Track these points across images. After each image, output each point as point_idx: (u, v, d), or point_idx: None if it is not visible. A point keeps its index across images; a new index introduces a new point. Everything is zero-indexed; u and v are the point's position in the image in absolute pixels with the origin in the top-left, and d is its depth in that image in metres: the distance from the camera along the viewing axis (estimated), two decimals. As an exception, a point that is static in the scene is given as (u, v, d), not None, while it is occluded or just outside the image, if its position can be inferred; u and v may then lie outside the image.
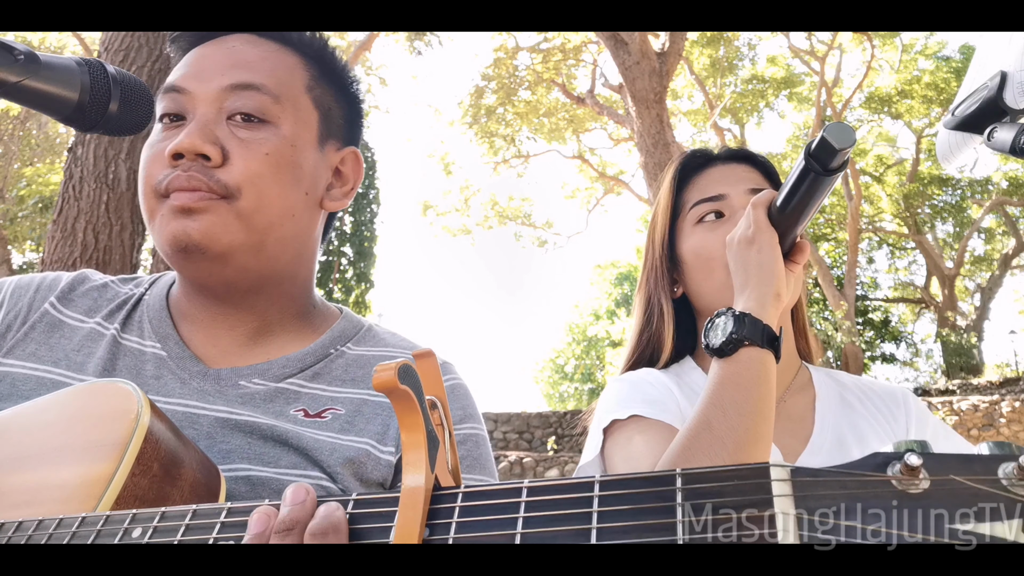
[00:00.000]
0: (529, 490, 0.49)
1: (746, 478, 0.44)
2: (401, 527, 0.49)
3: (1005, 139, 0.85)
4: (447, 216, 22.43)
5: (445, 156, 21.53)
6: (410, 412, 0.51)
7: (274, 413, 0.85)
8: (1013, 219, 24.05)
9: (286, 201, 0.88)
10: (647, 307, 1.25)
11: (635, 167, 21.07)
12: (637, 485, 0.46)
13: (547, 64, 18.19)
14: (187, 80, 0.89)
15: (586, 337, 31.17)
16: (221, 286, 0.89)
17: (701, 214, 1.20)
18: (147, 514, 0.59)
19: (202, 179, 0.83)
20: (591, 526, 0.45)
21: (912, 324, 27.02)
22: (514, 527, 0.47)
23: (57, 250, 4.69)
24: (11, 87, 0.69)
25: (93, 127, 0.76)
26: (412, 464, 0.51)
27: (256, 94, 0.87)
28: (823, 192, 0.95)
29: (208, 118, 0.86)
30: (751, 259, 1.00)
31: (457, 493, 0.51)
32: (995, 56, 0.90)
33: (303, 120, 0.91)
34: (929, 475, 0.41)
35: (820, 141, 0.89)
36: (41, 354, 0.88)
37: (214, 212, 0.83)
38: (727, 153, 1.28)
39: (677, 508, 0.44)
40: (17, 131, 17.14)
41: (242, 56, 0.90)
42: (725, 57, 20.11)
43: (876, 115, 22.61)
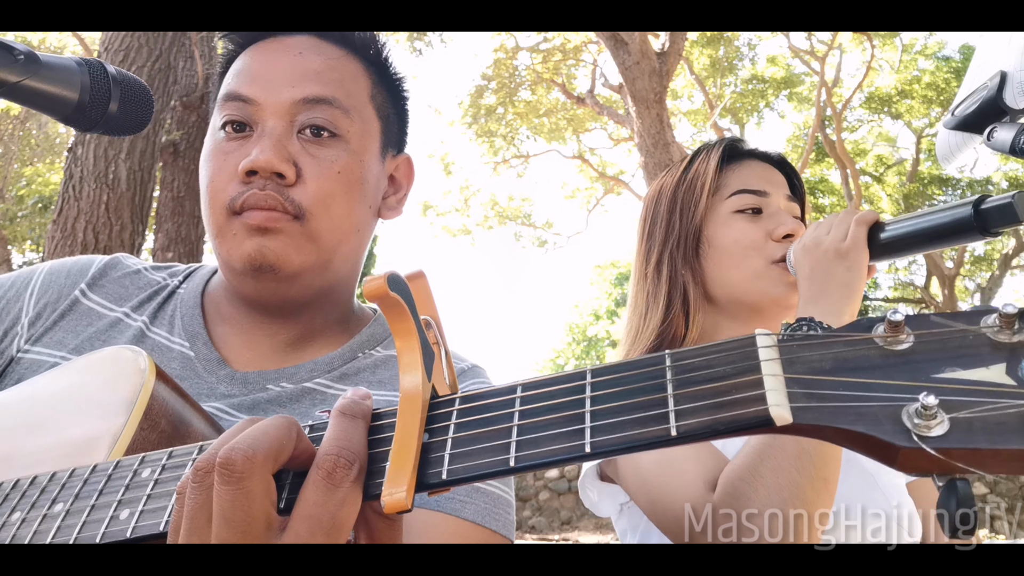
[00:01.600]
0: (524, 387, 0.50)
1: (733, 349, 0.45)
2: (400, 432, 0.49)
3: (1005, 139, 0.85)
4: (447, 216, 22.42)
5: (445, 156, 21.52)
6: (401, 319, 0.51)
7: (300, 414, 0.85)
8: (1013, 219, 23.99)
9: (354, 218, 0.88)
10: (670, 285, 1.20)
11: (635, 167, 21.08)
12: (628, 369, 0.47)
13: (547, 64, 18.19)
14: (254, 89, 0.85)
15: (586, 337, 31.16)
16: (280, 302, 0.89)
17: (742, 205, 1.18)
18: (156, 455, 0.60)
19: (278, 199, 0.82)
20: (584, 410, 0.46)
21: (912, 324, 26.94)
22: (511, 421, 0.48)
23: (57, 250, 4.68)
24: (11, 87, 0.69)
25: (93, 127, 0.76)
26: (408, 369, 0.51)
27: (328, 108, 0.85)
28: (944, 245, 0.94)
29: (279, 132, 0.84)
30: (838, 273, 0.98)
31: (454, 398, 0.51)
32: (995, 56, 0.90)
33: (369, 132, 0.90)
34: (912, 331, 0.41)
35: (1004, 206, 0.86)
36: (67, 342, 0.89)
37: (288, 233, 0.83)
38: (765, 154, 1.26)
39: (668, 384, 0.45)
40: (17, 131, 17.13)
41: (310, 65, 0.87)
42: (725, 57, 20.10)
43: (876, 115, 22.60)
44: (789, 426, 0.40)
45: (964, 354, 0.39)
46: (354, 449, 0.49)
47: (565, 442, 0.45)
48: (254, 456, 0.47)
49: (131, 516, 0.55)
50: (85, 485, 0.60)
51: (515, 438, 0.47)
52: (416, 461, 0.48)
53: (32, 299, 0.92)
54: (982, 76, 0.91)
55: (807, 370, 0.42)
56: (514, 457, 0.46)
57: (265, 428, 0.50)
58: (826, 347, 0.42)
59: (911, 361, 0.40)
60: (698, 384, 0.44)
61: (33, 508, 0.61)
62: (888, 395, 0.39)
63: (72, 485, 0.61)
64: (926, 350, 0.40)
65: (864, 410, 0.39)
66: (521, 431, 0.47)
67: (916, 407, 0.38)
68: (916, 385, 0.39)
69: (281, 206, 0.82)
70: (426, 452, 0.49)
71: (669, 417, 0.43)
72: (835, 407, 0.39)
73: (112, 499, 0.57)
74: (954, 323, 0.41)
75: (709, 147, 1.26)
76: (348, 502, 0.48)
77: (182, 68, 6.74)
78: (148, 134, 4.88)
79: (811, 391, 0.41)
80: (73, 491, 0.60)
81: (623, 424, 0.44)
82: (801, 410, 0.40)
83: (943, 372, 0.39)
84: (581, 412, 0.46)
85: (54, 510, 0.60)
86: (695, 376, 0.44)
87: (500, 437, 0.47)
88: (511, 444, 0.46)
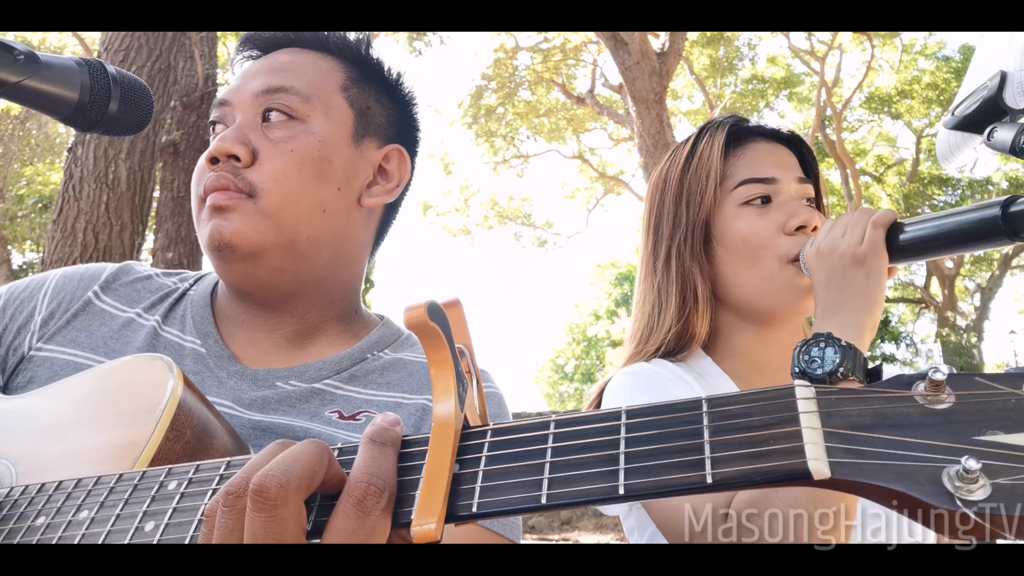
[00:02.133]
0: (557, 423, 0.49)
1: (772, 399, 0.44)
2: (432, 461, 0.49)
3: (1005, 139, 0.84)
4: (447, 216, 22.43)
5: (445, 156, 21.53)
6: (439, 349, 0.51)
7: (309, 414, 0.86)
8: (1013, 219, 23.99)
9: (313, 196, 0.89)
10: (681, 282, 1.12)
11: (635, 167, 21.07)
12: (664, 412, 0.47)
13: (547, 64, 18.19)
14: (229, 92, 0.93)
15: (586, 337, 31.16)
16: (258, 288, 0.90)
17: (749, 195, 1.09)
18: (183, 468, 0.60)
19: (231, 178, 0.86)
20: (619, 451, 0.46)
21: (912, 324, 27.05)
22: (543, 457, 0.47)
23: (57, 250, 4.68)
24: (11, 87, 0.69)
25: (93, 127, 0.76)
26: (442, 399, 0.51)
27: (285, 95, 0.90)
28: (972, 249, 0.89)
29: (243, 123, 0.89)
30: (856, 282, 0.92)
31: (486, 430, 0.51)
32: (995, 56, 0.90)
33: (335, 118, 0.92)
34: (953, 391, 0.41)
35: None
36: (80, 340, 0.90)
37: (241, 211, 0.85)
38: (772, 132, 1.17)
39: (704, 431, 0.44)
40: (17, 131, 17.13)
41: (277, 63, 0.93)
42: (725, 57, 20.10)
43: (876, 115, 22.60)
44: (827, 480, 0.40)
45: (1006, 417, 0.39)
46: (384, 477, 0.49)
47: (598, 483, 0.45)
48: (288, 484, 0.47)
49: (156, 528, 0.55)
50: (111, 494, 0.60)
51: (547, 475, 0.46)
52: (447, 492, 0.47)
53: (45, 300, 0.94)
54: (982, 76, 0.91)
55: (846, 425, 0.41)
56: (546, 495, 0.45)
57: (298, 455, 0.50)
58: (866, 402, 0.42)
59: (952, 421, 0.40)
60: (735, 432, 0.43)
61: (58, 514, 0.61)
62: (928, 455, 0.39)
63: (98, 493, 0.61)
64: (967, 411, 0.40)
65: (904, 469, 0.38)
66: (554, 468, 0.47)
67: (958, 470, 0.37)
68: (957, 447, 0.38)
69: (234, 185, 0.86)
70: (457, 483, 0.48)
71: (705, 464, 0.43)
72: (874, 464, 0.39)
73: (137, 510, 0.57)
74: (996, 385, 0.40)
75: (713, 128, 1.17)
76: (378, 530, 0.48)
77: (182, 68, 6.74)
78: (148, 134, 4.88)
79: (850, 447, 0.40)
80: (99, 499, 0.60)
81: (658, 468, 0.44)
82: (839, 465, 0.40)
83: (984, 435, 0.39)
84: (616, 453, 0.46)
85: (79, 517, 0.59)
86: (732, 424, 0.44)
87: (533, 473, 0.47)
88: (543, 481, 0.46)
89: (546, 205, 69.12)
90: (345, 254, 0.94)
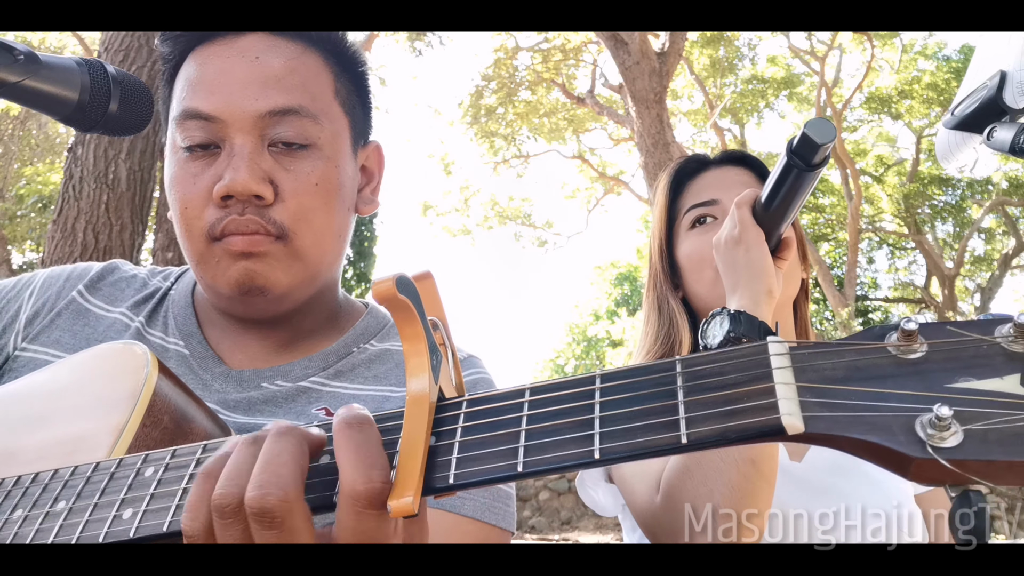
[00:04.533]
0: (532, 390, 0.49)
1: (745, 356, 0.44)
2: (407, 435, 0.49)
3: (1005, 139, 0.84)
4: (447, 216, 22.42)
5: (445, 156, 21.52)
6: (410, 322, 0.50)
7: (295, 413, 0.85)
8: (1013, 219, 24.04)
9: (335, 227, 0.87)
10: (660, 307, 1.26)
11: (635, 167, 21.07)
12: (638, 375, 0.47)
13: (547, 64, 18.18)
14: (215, 103, 0.81)
15: (586, 337, 31.14)
16: (270, 318, 0.89)
17: (694, 218, 1.22)
18: (159, 454, 0.59)
19: (260, 222, 0.80)
20: (594, 416, 0.46)
21: (912, 324, 26.93)
22: (519, 425, 0.47)
23: (57, 250, 4.68)
24: (11, 87, 0.69)
25: (93, 127, 0.76)
26: (415, 372, 0.50)
27: (296, 119, 0.82)
28: (807, 188, 0.96)
29: (250, 149, 0.80)
30: (739, 259, 1.01)
31: (461, 401, 0.51)
32: (995, 56, 0.90)
33: (339, 133, 0.88)
34: (926, 340, 0.41)
35: (801, 137, 0.90)
36: (64, 341, 0.89)
37: (273, 255, 0.81)
38: (721, 156, 1.30)
39: (678, 391, 0.44)
40: (17, 131, 17.13)
41: (269, 70, 0.83)
42: (725, 57, 20.09)
43: (876, 115, 22.60)
44: (801, 435, 0.39)
45: (978, 364, 0.39)
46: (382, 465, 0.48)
47: (574, 448, 0.45)
48: (287, 496, 0.47)
49: (134, 516, 0.55)
50: (87, 484, 0.60)
51: (523, 443, 0.46)
52: (423, 466, 0.47)
53: (31, 299, 0.93)
54: (982, 76, 0.91)
55: (819, 378, 0.41)
56: (522, 462, 0.45)
57: (283, 460, 0.48)
58: (839, 355, 0.42)
59: (924, 370, 0.40)
60: (709, 391, 0.43)
61: (35, 506, 0.61)
62: (901, 405, 0.39)
63: (74, 483, 0.61)
64: (940, 359, 0.40)
65: (877, 420, 0.38)
66: (529, 436, 0.46)
67: (930, 418, 0.37)
68: (930, 395, 0.38)
69: (264, 229, 0.80)
70: (433, 456, 0.48)
71: (680, 424, 0.42)
72: (848, 416, 0.39)
73: (115, 498, 0.57)
74: (968, 332, 0.40)
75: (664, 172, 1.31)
76: (383, 518, 0.48)
77: (182, 68, 6.73)
78: (148, 134, 4.88)
79: (823, 400, 0.40)
80: (76, 489, 0.60)
81: (633, 431, 0.44)
82: (813, 419, 0.40)
83: (957, 382, 0.39)
84: (591, 418, 0.45)
85: (56, 508, 0.59)
86: (706, 383, 0.44)
87: (508, 442, 0.47)
88: (519, 449, 0.46)
89: (546, 205, 69.09)
90: (341, 263, 0.94)
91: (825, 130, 0.89)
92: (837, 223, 23.69)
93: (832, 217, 23.60)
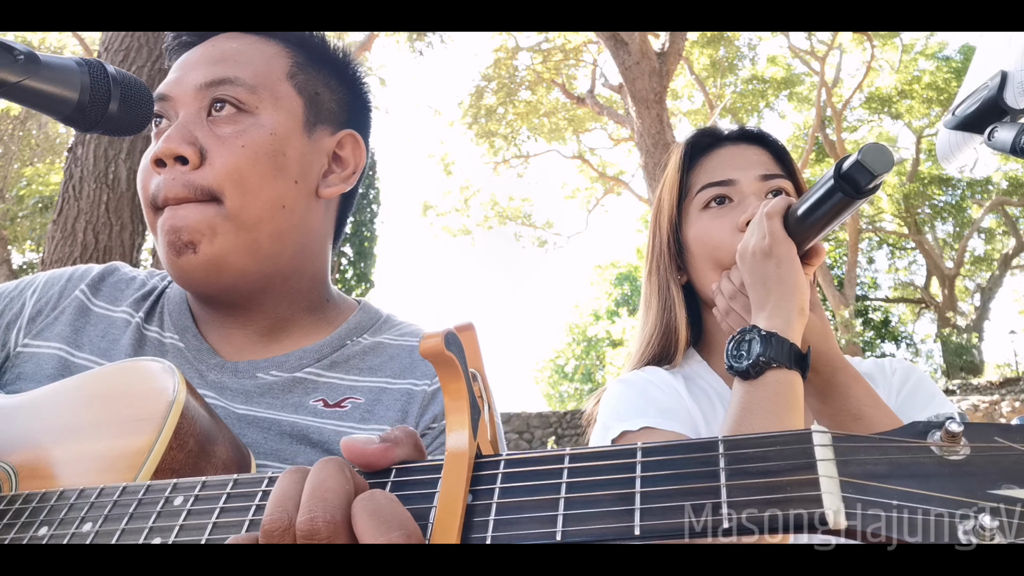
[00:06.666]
0: (571, 457, 0.49)
1: (788, 443, 0.44)
2: (445, 492, 0.49)
3: (1005, 139, 0.84)
4: (447, 216, 22.43)
5: (445, 156, 21.54)
6: (454, 379, 0.50)
7: (293, 405, 0.85)
8: (1013, 219, 24.04)
9: (271, 192, 0.86)
10: (661, 296, 1.18)
11: (635, 167, 21.07)
12: (679, 451, 0.46)
13: (547, 64, 18.18)
14: (169, 85, 0.88)
15: (586, 337, 31.16)
16: (223, 294, 0.88)
17: (708, 198, 1.13)
18: (188, 483, 0.59)
19: (184, 189, 0.83)
20: (635, 490, 0.45)
21: (912, 324, 27.04)
22: (558, 492, 0.47)
23: (57, 250, 4.68)
24: (11, 87, 0.69)
25: (93, 127, 0.76)
26: (456, 429, 0.50)
27: (231, 87, 0.86)
28: (848, 213, 0.90)
29: (187, 119, 0.85)
30: (770, 273, 0.95)
31: (500, 460, 0.51)
32: (995, 56, 0.90)
33: (284, 108, 0.88)
34: (969, 442, 0.41)
35: (855, 164, 0.84)
36: (67, 336, 0.89)
37: (203, 215, 0.83)
38: (738, 133, 1.21)
39: (720, 473, 0.44)
40: (17, 131, 17.14)
41: (218, 52, 0.88)
42: (725, 57, 20.10)
43: (876, 115, 22.60)
44: (843, 530, 0.40)
45: (1020, 472, 0.39)
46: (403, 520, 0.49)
47: (614, 522, 0.44)
48: (334, 519, 0.48)
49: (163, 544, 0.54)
50: (115, 507, 0.59)
51: (562, 511, 0.46)
52: (461, 524, 0.47)
53: (33, 297, 0.94)
54: (982, 76, 0.91)
55: (862, 473, 0.41)
56: (561, 531, 0.45)
57: (327, 485, 0.49)
58: (881, 451, 0.42)
59: (967, 473, 0.40)
60: (751, 476, 0.43)
61: (61, 525, 0.60)
62: (944, 509, 0.39)
63: (101, 504, 0.60)
64: (982, 463, 0.40)
65: (920, 523, 0.39)
66: (568, 504, 0.46)
67: (974, 526, 0.38)
68: (972, 501, 0.39)
69: (191, 195, 0.83)
70: (470, 514, 0.48)
71: (722, 508, 0.43)
72: (891, 517, 0.40)
73: (143, 525, 0.57)
74: (1012, 440, 0.41)
75: (676, 145, 1.22)
76: None
77: (182, 68, 6.74)
78: (148, 134, 4.88)
79: (866, 498, 0.41)
80: (102, 511, 0.59)
81: (674, 510, 0.44)
82: (856, 516, 0.40)
83: (999, 489, 0.39)
84: (631, 492, 0.45)
85: (82, 529, 0.59)
86: (748, 468, 0.44)
87: (547, 508, 0.46)
88: (558, 517, 0.46)
89: (546, 205, 69.13)
90: (308, 247, 0.93)
91: (883, 159, 0.83)
92: (837, 223, 23.63)
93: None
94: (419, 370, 0.89)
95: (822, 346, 0.99)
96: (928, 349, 26.23)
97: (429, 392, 0.87)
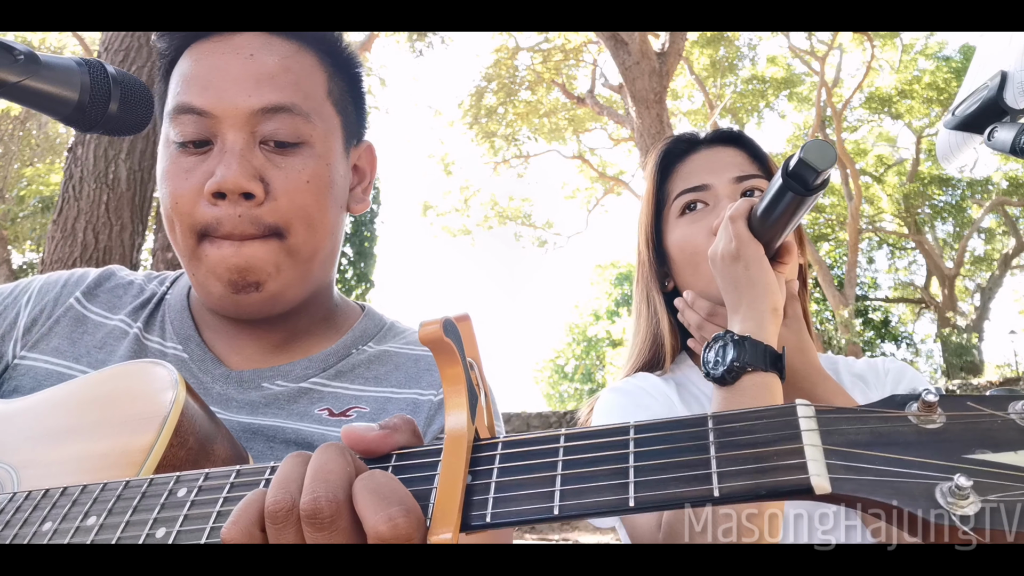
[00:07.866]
0: (567, 436, 0.50)
1: (774, 417, 0.46)
2: (445, 472, 0.50)
3: (1005, 139, 0.84)
4: (447, 216, 22.43)
5: (445, 156, 21.54)
6: (452, 364, 0.52)
7: (298, 414, 0.85)
8: (1013, 219, 24.05)
9: (329, 222, 0.87)
10: (647, 304, 1.20)
11: (635, 167, 21.08)
12: (670, 427, 0.48)
13: (547, 64, 18.18)
14: (208, 99, 0.82)
15: (586, 337, 31.16)
16: (264, 317, 0.88)
17: (683, 205, 1.14)
18: (191, 475, 0.59)
19: (251, 226, 0.81)
20: (628, 465, 0.47)
21: (912, 324, 27.04)
22: (554, 470, 0.48)
23: (57, 250, 4.68)
24: (11, 87, 0.69)
25: (93, 127, 0.76)
26: (454, 413, 0.52)
27: (289, 117, 0.83)
28: (804, 210, 0.90)
29: (241, 146, 0.81)
30: (740, 276, 0.95)
31: (497, 442, 0.52)
32: (995, 56, 0.90)
33: (331, 131, 0.88)
34: (944, 412, 0.43)
35: (798, 162, 0.84)
36: (64, 349, 0.88)
37: (266, 253, 0.82)
38: (712, 136, 1.21)
39: (710, 446, 0.46)
40: (17, 131, 17.14)
41: (263, 67, 0.84)
42: (725, 57, 20.10)
43: (876, 115, 22.61)
44: (827, 495, 0.42)
45: (993, 437, 0.42)
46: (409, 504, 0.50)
47: (609, 495, 0.46)
48: (337, 498, 0.48)
49: (167, 535, 0.55)
50: (119, 500, 0.60)
51: (559, 487, 0.47)
52: (461, 502, 0.49)
53: (28, 304, 0.92)
54: (982, 76, 0.91)
55: (845, 442, 0.43)
56: (558, 506, 0.46)
57: (330, 467, 0.50)
58: (862, 421, 0.44)
59: (943, 440, 0.42)
60: (740, 448, 0.45)
61: (65, 519, 0.60)
62: (923, 472, 0.41)
63: (105, 499, 0.60)
64: (957, 430, 0.43)
65: (899, 485, 0.41)
66: (565, 480, 0.48)
67: (950, 486, 0.40)
68: (949, 464, 0.41)
69: (258, 231, 0.81)
70: (470, 494, 0.50)
71: (712, 478, 0.44)
72: (872, 480, 0.41)
73: (147, 516, 0.57)
74: (984, 407, 0.43)
75: (651, 154, 1.22)
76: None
77: (182, 68, 6.73)
78: (148, 134, 4.88)
79: (849, 463, 0.42)
80: (106, 505, 0.60)
81: (666, 482, 0.45)
82: (839, 481, 0.42)
83: (974, 453, 0.41)
84: (625, 467, 0.47)
85: (87, 523, 0.59)
86: (737, 440, 0.46)
87: (544, 485, 0.48)
88: (555, 493, 0.47)
89: (546, 205, 69.10)
90: (335, 262, 0.94)
91: (824, 155, 0.84)
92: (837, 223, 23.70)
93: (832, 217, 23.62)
94: (425, 380, 0.89)
95: (797, 362, 0.99)
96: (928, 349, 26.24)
97: (435, 402, 0.86)
